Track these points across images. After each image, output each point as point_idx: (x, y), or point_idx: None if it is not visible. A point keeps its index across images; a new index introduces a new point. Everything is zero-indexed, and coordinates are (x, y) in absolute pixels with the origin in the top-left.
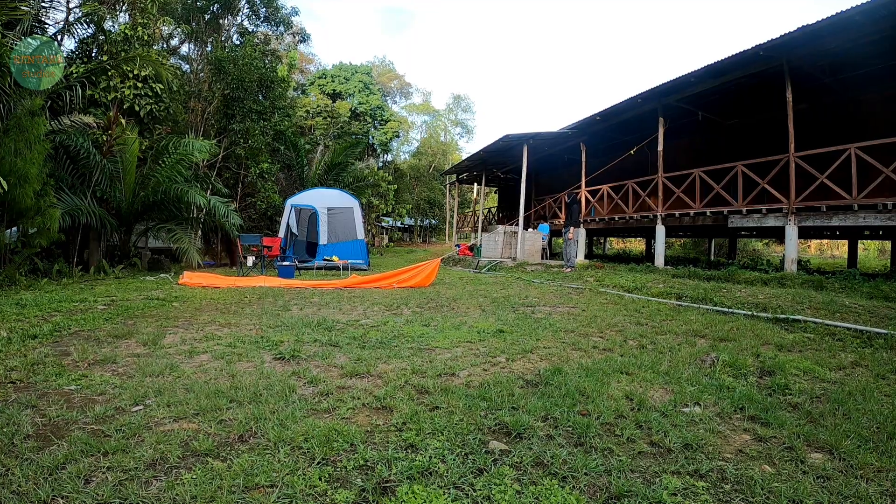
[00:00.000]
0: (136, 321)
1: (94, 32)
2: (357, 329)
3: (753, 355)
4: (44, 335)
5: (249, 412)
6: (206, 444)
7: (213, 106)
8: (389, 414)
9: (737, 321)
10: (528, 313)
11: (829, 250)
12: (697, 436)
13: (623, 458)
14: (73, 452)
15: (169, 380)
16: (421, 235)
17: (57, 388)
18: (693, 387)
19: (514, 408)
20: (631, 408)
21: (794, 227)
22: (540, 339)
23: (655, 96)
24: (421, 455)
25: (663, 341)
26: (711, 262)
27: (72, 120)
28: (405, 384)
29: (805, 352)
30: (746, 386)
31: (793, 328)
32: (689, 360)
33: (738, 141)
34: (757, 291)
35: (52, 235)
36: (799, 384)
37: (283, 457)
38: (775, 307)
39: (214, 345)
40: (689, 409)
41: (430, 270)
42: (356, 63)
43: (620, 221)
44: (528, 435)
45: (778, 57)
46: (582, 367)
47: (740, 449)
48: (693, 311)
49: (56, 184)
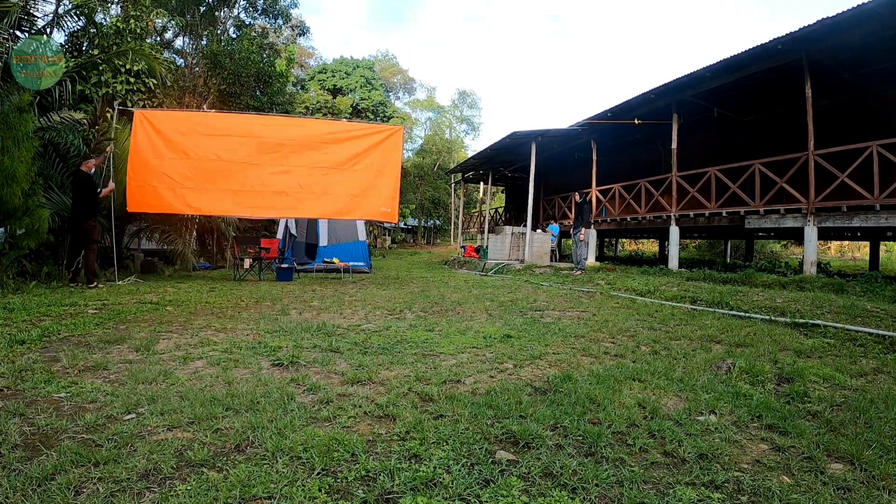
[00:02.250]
0: (128, 326)
1: (85, 25)
2: (358, 334)
3: (771, 361)
4: (32, 340)
5: (246, 421)
6: (202, 453)
7: (208, 102)
8: (392, 422)
9: (754, 326)
10: (537, 318)
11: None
12: (713, 445)
13: (635, 468)
14: (62, 463)
15: (162, 387)
16: (425, 237)
17: (46, 396)
18: (708, 394)
19: (522, 416)
20: (644, 416)
21: (813, 228)
22: (549, 344)
23: (669, 91)
24: (425, 465)
25: (677, 347)
26: (727, 265)
27: (61, 116)
28: (408, 391)
29: (825, 358)
30: (764, 393)
31: (812, 333)
32: (705, 367)
33: (755, 138)
34: (775, 295)
35: (40, 237)
36: (818, 391)
37: (282, 467)
38: (794, 311)
39: (210, 350)
40: (705, 418)
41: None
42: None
43: (633, 222)
44: (537, 444)
45: (797, 51)
46: (593, 374)
47: (757, 459)
48: (708, 316)
49: (45, 183)
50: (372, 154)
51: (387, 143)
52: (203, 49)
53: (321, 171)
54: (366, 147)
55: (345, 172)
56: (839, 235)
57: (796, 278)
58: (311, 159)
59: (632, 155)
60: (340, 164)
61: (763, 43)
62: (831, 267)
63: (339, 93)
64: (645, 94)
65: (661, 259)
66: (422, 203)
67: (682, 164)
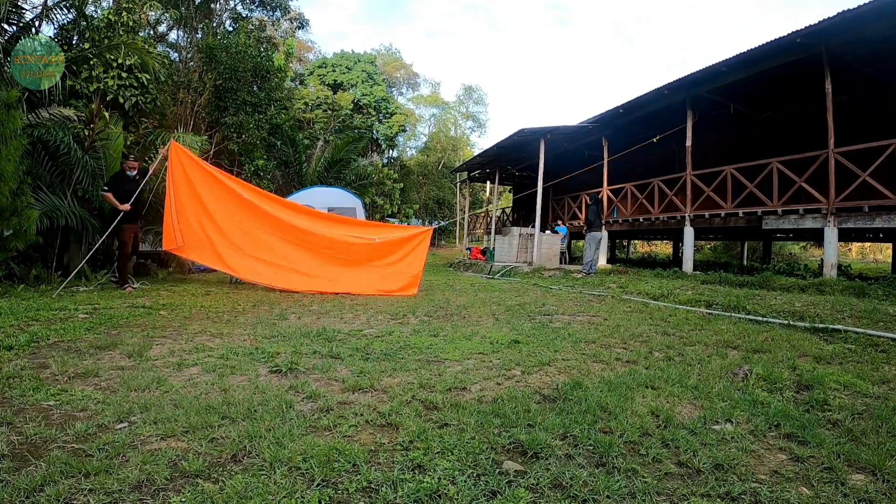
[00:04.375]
0: (120, 331)
1: (75, 18)
2: (360, 339)
3: (790, 368)
4: (20, 346)
5: (243, 430)
6: (197, 464)
7: (203, 98)
8: (395, 431)
9: (772, 331)
10: (546, 322)
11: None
12: (729, 455)
13: (648, 479)
14: (51, 473)
15: (156, 394)
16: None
17: (34, 404)
18: (724, 402)
19: (531, 425)
20: (657, 425)
21: (833, 228)
22: (558, 350)
23: (684, 87)
24: (429, 476)
25: (692, 353)
26: (744, 267)
27: (51, 113)
28: (412, 399)
29: (846, 364)
30: (782, 401)
31: (832, 338)
32: (720, 374)
33: (773, 136)
34: (793, 299)
35: (29, 238)
36: (839, 399)
37: (280, 478)
38: (813, 316)
39: (205, 356)
40: (720, 427)
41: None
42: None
43: (646, 223)
44: (546, 454)
45: (816, 44)
46: (604, 381)
47: (775, 469)
48: (724, 321)
49: (34, 182)
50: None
51: (418, 238)
52: (198, 43)
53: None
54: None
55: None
56: (860, 237)
57: (816, 281)
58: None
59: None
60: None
61: (781, 36)
62: (852, 269)
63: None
64: (658, 90)
65: (675, 261)
66: (425, 203)
67: (697, 163)
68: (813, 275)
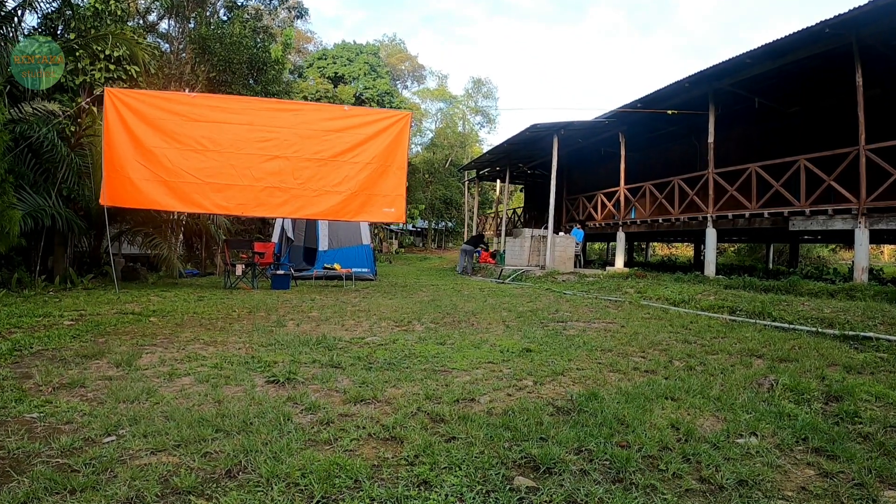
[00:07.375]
0: (107, 339)
1: (60, 7)
2: (362, 348)
3: (818, 378)
4: (2, 355)
5: (238, 443)
6: (189, 480)
7: (196, 91)
8: (399, 445)
9: (799, 339)
10: (559, 330)
11: None
12: (754, 470)
13: (668, 496)
14: (35, 490)
15: (146, 406)
16: (436, 240)
17: (17, 416)
18: (748, 414)
19: (543, 438)
20: (677, 438)
21: (864, 230)
22: (572, 359)
23: (706, 80)
24: (436, 493)
25: (714, 362)
26: (770, 271)
27: (34, 107)
28: (417, 411)
29: (877, 374)
30: (810, 413)
31: (863, 347)
32: (745, 384)
33: (800, 132)
34: (822, 304)
35: (11, 241)
36: (870, 411)
37: (277, 495)
38: (843, 323)
39: (198, 366)
40: (744, 440)
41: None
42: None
43: (665, 224)
44: (559, 470)
45: (846, 35)
46: (621, 392)
47: (803, 486)
48: (749, 328)
49: (16, 181)
50: (374, 143)
51: (391, 130)
52: (191, 33)
53: (316, 163)
54: (368, 135)
55: (343, 165)
56: (893, 239)
57: (846, 286)
58: (305, 149)
59: (664, 150)
60: (338, 154)
61: (809, 26)
62: (884, 273)
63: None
64: (679, 83)
65: (697, 265)
66: (432, 203)
67: (720, 160)
68: (843, 279)
